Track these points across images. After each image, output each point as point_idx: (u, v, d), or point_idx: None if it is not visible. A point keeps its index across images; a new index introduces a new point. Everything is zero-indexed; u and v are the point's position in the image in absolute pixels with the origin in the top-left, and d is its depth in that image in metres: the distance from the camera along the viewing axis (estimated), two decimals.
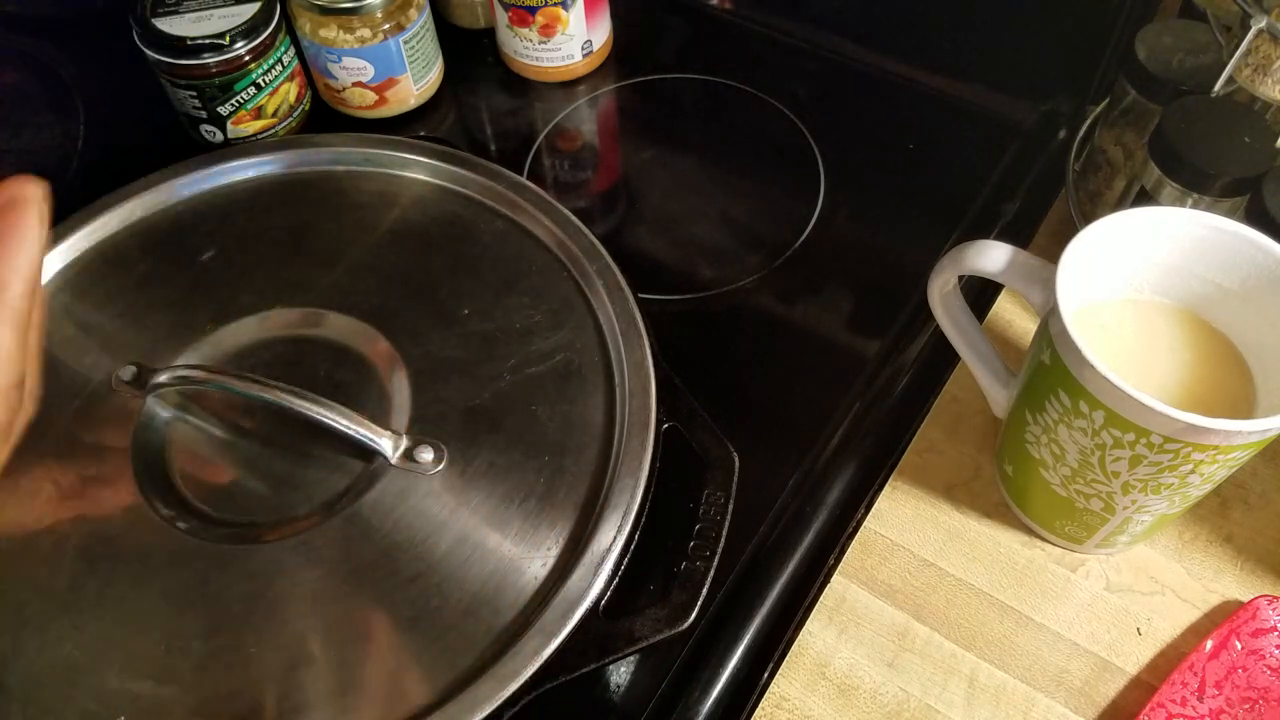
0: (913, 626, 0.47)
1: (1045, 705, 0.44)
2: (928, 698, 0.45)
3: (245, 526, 0.43)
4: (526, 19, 0.66)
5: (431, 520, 0.42)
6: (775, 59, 0.71)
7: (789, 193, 0.63)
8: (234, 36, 0.58)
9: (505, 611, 0.40)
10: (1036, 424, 0.43)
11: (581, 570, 0.41)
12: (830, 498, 0.50)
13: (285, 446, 0.45)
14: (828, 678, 0.45)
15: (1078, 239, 0.40)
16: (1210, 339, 0.43)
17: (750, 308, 0.58)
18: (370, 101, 0.66)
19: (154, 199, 0.53)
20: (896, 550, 0.49)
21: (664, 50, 0.72)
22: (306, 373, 0.47)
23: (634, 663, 0.46)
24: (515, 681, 0.38)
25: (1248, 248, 0.40)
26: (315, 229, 0.52)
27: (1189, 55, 0.52)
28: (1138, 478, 0.40)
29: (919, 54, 0.69)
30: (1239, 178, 0.47)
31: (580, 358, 0.47)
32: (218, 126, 0.62)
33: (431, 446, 0.44)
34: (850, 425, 0.53)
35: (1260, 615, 0.45)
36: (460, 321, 0.48)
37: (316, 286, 0.50)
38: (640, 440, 0.44)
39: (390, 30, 0.62)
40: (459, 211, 0.53)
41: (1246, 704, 0.43)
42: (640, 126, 0.69)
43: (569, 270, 0.50)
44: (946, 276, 0.45)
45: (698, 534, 0.43)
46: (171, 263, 0.51)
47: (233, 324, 0.48)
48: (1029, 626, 0.46)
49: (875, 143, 0.67)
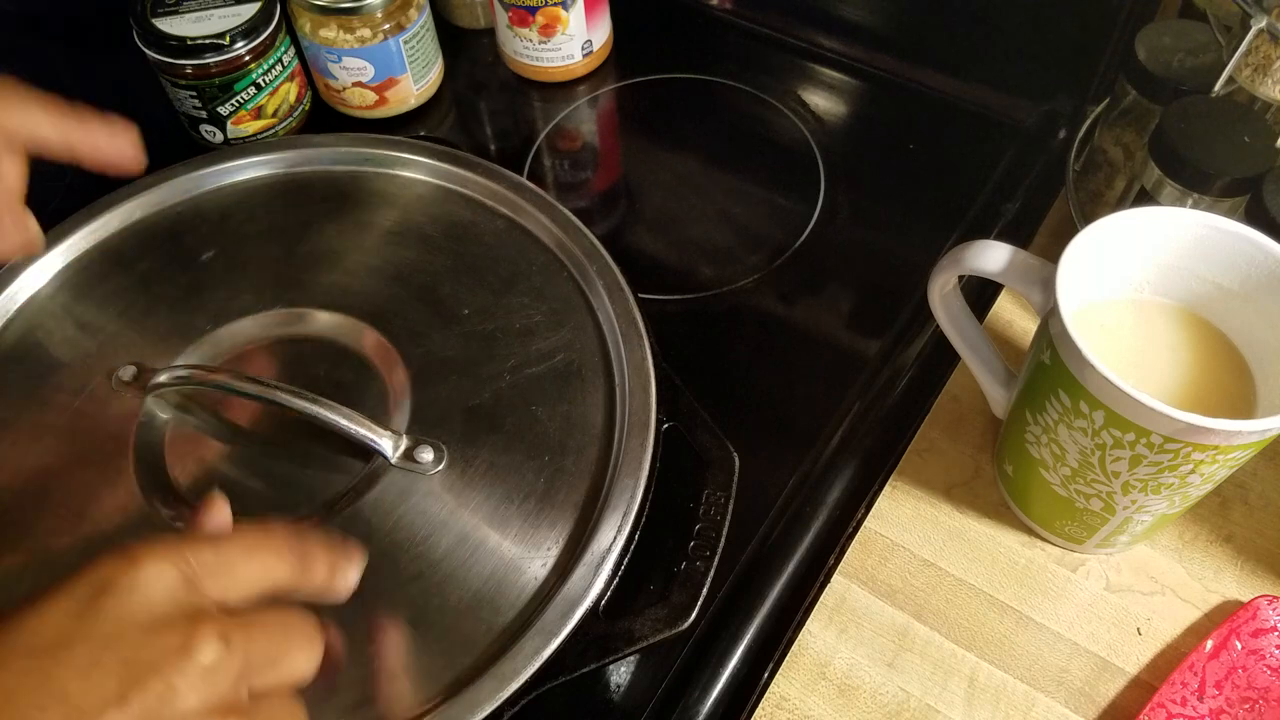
0: (913, 626, 0.47)
1: (1045, 705, 0.44)
2: (928, 698, 0.45)
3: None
4: (526, 19, 0.66)
5: (432, 520, 0.42)
6: (775, 59, 0.71)
7: (789, 193, 0.63)
8: (234, 36, 0.58)
9: (505, 611, 0.40)
10: (1036, 424, 0.43)
11: (582, 570, 0.41)
12: (830, 498, 0.50)
13: (285, 446, 0.45)
14: (828, 678, 0.45)
15: (1078, 239, 0.40)
16: (1210, 339, 0.43)
17: (750, 308, 0.58)
18: (370, 101, 0.66)
19: (154, 199, 0.53)
20: (896, 550, 0.49)
21: (664, 50, 0.72)
22: (306, 373, 0.47)
23: (634, 663, 0.46)
24: (516, 681, 0.38)
25: (1248, 248, 0.40)
26: (315, 229, 0.52)
27: (1189, 55, 0.52)
28: (1138, 478, 0.40)
29: (919, 54, 0.69)
30: (1239, 178, 0.47)
31: (580, 358, 0.47)
32: (218, 126, 0.62)
33: (432, 446, 0.44)
34: (850, 425, 0.53)
35: (1260, 615, 0.45)
36: (460, 321, 0.48)
37: (316, 286, 0.50)
38: (640, 440, 0.44)
39: (390, 30, 0.62)
40: (459, 211, 0.53)
41: (1246, 704, 0.43)
42: (640, 126, 0.69)
43: (569, 270, 0.50)
44: (946, 276, 0.45)
45: (698, 534, 0.43)
46: (172, 262, 0.51)
47: (233, 323, 0.48)
48: (1029, 626, 0.46)
49: (875, 143, 0.67)
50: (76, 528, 0.42)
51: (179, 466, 0.45)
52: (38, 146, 0.42)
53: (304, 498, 0.44)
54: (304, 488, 0.44)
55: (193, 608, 0.29)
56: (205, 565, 0.30)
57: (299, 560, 0.33)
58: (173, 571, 0.29)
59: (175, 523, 0.42)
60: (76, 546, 0.42)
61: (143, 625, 0.28)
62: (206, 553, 0.31)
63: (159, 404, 0.46)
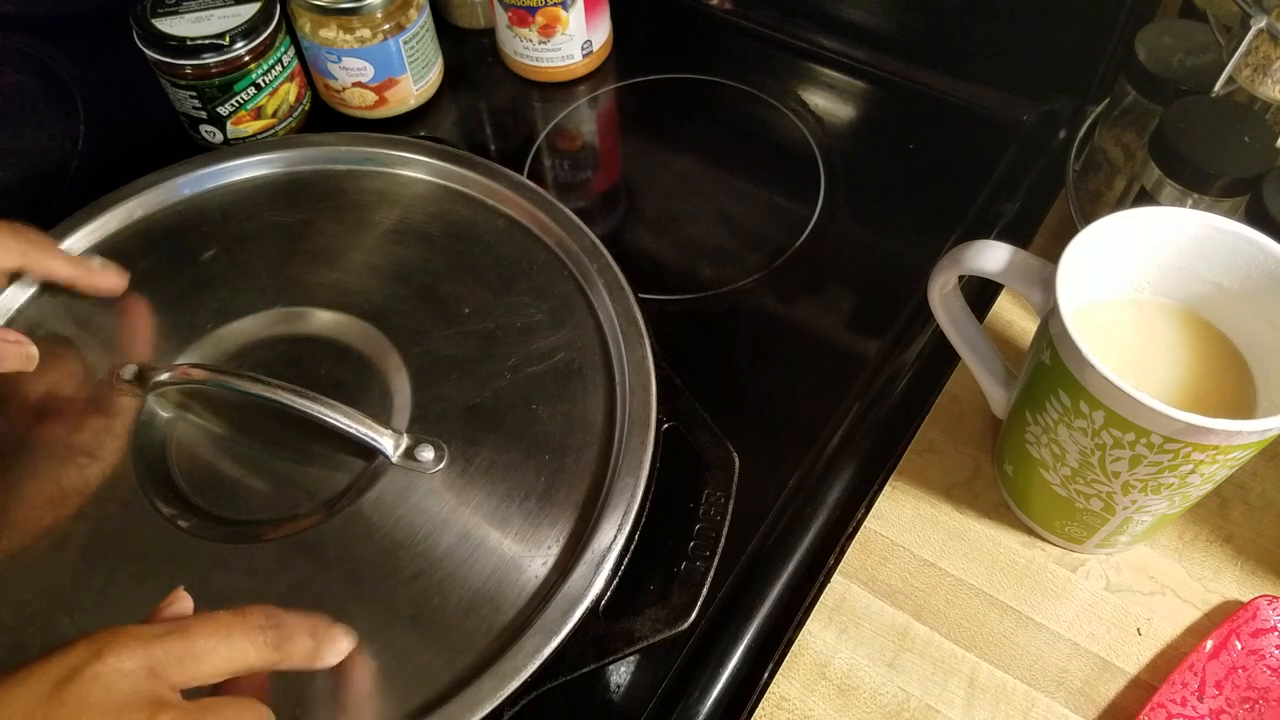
0: (913, 626, 0.47)
1: (1045, 705, 0.44)
2: (928, 698, 0.45)
3: (246, 525, 0.43)
4: (526, 19, 0.66)
5: (432, 518, 0.42)
6: (775, 59, 0.71)
7: (789, 193, 0.63)
8: (234, 36, 0.58)
9: (506, 609, 0.40)
10: (1036, 424, 0.43)
11: (582, 569, 0.41)
12: (830, 498, 0.50)
13: (286, 445, 0.45)
14: (828, 678, 0.45)
15: (1078, 239, 0.40)
16: (1210, 339, 0.43)
17: (750, 308, 0.58)
18: (370, 102, 0.66)
19: (155, 198, 0.53)
20: (896, 550, 0.49)
21: (664, 50, 0.72)
22: (307, 371, 0.47)
23: (634, 663, 0.46)
24: (516, 679, 0.38)
25: (1248, 248, 0.40)
26: (316, 228, 0.52)
27: (1189, 55, 0.52)
28: (1138, 478, 0.40)
29: (919, 54, 0.69)
30: (1239, 178, 0.47)
31: (581, 356, 0.47)
32: (218, 126, 0.62)
33: (432, 445, 0.44)
34: (850, 425, 0.53)
35: (1260, 615, 0.45)
36: (461, 320, 0.48)
37: (317, 285, 0.50)
38: (640, 439, 0.44)
39: (390, 30, 0.62)
40: (460, 210, 0.53)
41: (1246, 704, 0.43)
42: (640, 126, 0.69)
43: (569, 269, 0.50)
44: (946, 276, 0.45)
45: (698, 534, 0.43)
46: (172, 261, 0.51)
47: (234, 323, 0.48)
48: (1029, 626, 0.46)
49: (875, 143, 0.67)
50: (77, 526, 0.42)
51: (180, 465, 0.45)
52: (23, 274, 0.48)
53: (305, 496, 0.44)
54: (305, 486, 0.44)
55: (154, 697, 0.30)
56: (172, 653, 0.31)
57: (274, 641, 0.34)
58: (135, 662, 0.31)
59: (177, 521, 0.42)
60: (78, 545, 0.42)
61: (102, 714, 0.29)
62: (174, 641, 0.32)
63: (160, 403, 0.46)
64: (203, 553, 0.42)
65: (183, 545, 0.42)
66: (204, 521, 0.43)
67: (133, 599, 0.41)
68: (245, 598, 0.40)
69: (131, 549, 0.42)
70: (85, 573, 0.41)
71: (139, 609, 0.40)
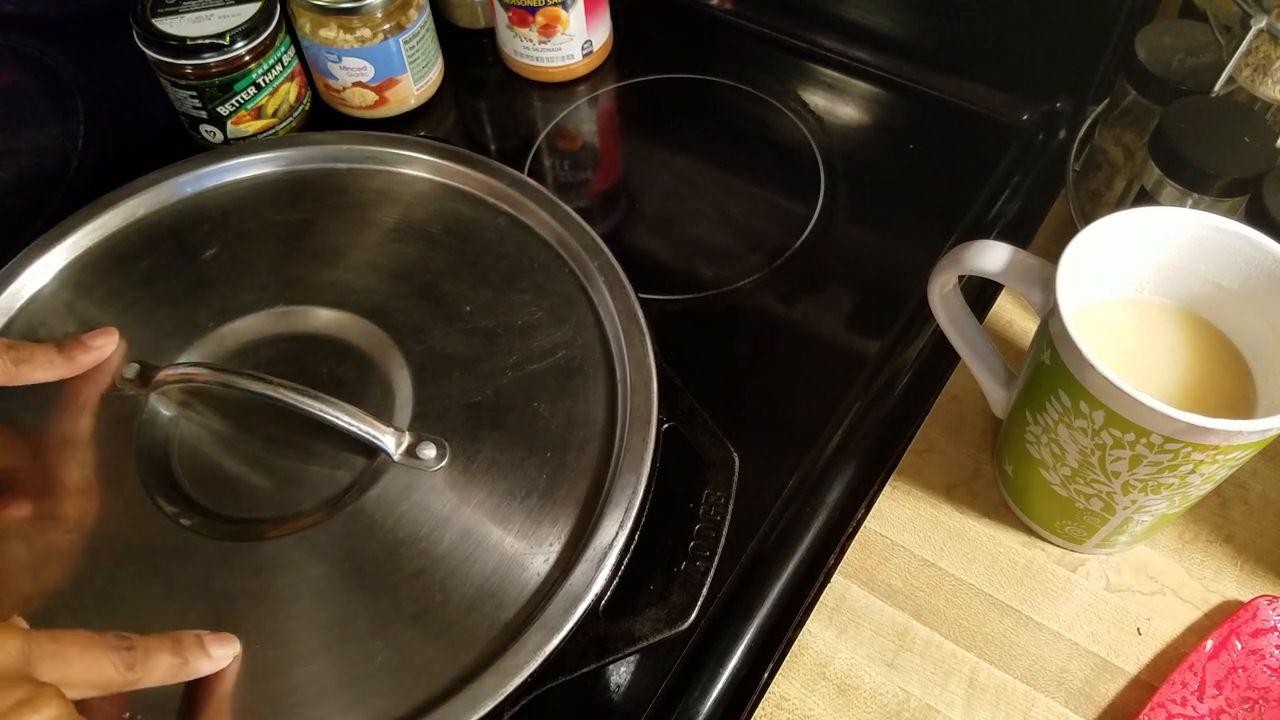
0: (913, 626, 0.47)
1: (1045, 705, 0.44)
2: (928, 698, 0.45)
3: (248, 523, 0.43)
4: (526, 19, 0.66)
5: (434, 516, 0.42)
6: (775, 59, 0.71)
7: (789, 193, 0.63)
8: (234, 36, 0.58)
9: (508, 606, 0.40)
10: (1036, 424, 0.43)
11: (584, 566, 0.41)
12: (830, 498, 0.50)
13: (288, 443, 0.45)
14: (828, 678, 0.45)
15: (1078, 239, 0.40)
16: (1210, 339, 0.43)
17: (750, 308, 0.58)
18: (370, 101, 0.66)
19: (156, 196, 0.53)
20: (896, 550, 0.49)
21: (664, 50, 0.72)
22: (309, 370, 0.47)
23: (634, 663, 0.46)
24: (519, 676, 0.38)
25: (1248, 248, 0.41)
26: (317, 226, 0.52)
27: (1189, 55, 0.53)
28: (1138, 478, 0.40)
29: (919, 54, 0.69)
30: (1239, 178, 0.47)
31: (581, 354, 0.47)
32: (218, 126, 0.62)
33: (434, 443, 0.44)
34: (850, 425, 0.53)
35: (1260, 615, 0.45)
36: (462, 318, 0.48)
37: (319, 284, 0.50)
38: (641, 437, 0.44)
39: (390, 30, 0.62)
40: (461, 209, 0.53)
41: (1246, 704, 0.43)
42: (640, 126, 0.69)
43: (570, 267, 0.50)
44: (946, 276, 0.45)
45: (698, 534, 0.43)
46: (174, 260, 0.51)
47: (235, 321, 0.48)
48: (1029, 626, 0.46)
49: (875, 142, 0.67)
50: (79, 525, 0.42)
51: (182, 464, 0.45)
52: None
53: (307, 494, 0.44)
54: (307, 484, 0.44)
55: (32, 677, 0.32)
56: (44, 649, 0.33)
57: (128, 660, 0.35)
58: (15, 644, 0.33)
59: (179, 520, 0.42)
60: (79, 544, 0.42)
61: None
62: (46, 641, 0.34)
63: (162, 401, 0.46)
64: (205, 551, 0.42)
65: (185, 543, 0.42)
66: (206, 520, 0.43)
67: (135, 597, 0.41)
68: (247, 596, 0.40)
69: (134, 547, 0.42)
70: (88, 571, 0.41)
71: (141, 607, 0.41)
